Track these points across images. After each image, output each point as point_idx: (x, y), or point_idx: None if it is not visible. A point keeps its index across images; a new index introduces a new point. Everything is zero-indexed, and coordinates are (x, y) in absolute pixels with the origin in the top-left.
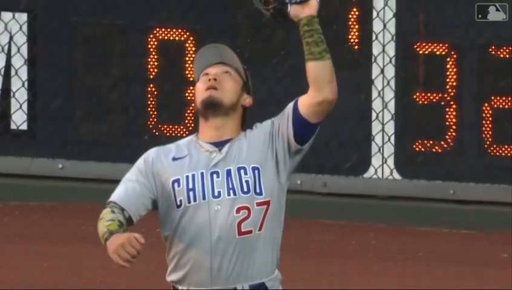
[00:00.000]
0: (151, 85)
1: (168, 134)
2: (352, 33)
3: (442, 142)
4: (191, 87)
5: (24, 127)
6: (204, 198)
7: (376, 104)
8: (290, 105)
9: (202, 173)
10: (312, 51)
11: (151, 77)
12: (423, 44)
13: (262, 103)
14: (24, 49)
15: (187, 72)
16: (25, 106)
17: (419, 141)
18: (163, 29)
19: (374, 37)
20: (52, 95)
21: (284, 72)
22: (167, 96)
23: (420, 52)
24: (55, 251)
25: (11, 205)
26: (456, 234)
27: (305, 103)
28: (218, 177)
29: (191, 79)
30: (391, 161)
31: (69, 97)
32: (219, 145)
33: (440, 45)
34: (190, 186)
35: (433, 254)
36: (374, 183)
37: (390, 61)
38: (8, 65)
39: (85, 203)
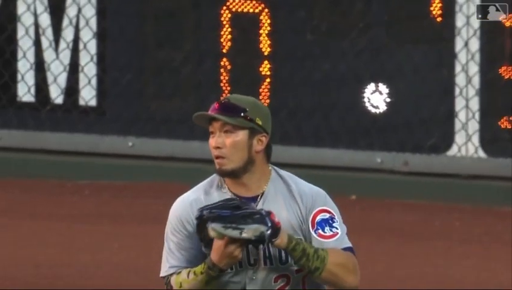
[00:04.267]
0: (224, 59)
1: None
2: (434, 5)
3: None
4: (265, 62)
5: (93, 103)
6: (240, 266)
7: (460, 79)
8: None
9: None
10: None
11: (224, 50)
12: (510, 15)
13: (341, 78)
14: (93, 22)
15: (261, 45)
16: (93, 81)
17: (505, 118)
18: (237, 1)
19: (458, 9)
20: (122, 70)
21: (363, 46)
22: (241, 70)
23: (507, 24)
24: (126, 231)
25: (80, 184)
26: None
27: None
28: None
29: (266, 53)
30: (475, 138)
31: (140, 72)
32: (251, 201)
33: None
34: None
35: None
36: (458, 162)
37: (475, 34)
38: (77, 39)
39: (156, 182)
